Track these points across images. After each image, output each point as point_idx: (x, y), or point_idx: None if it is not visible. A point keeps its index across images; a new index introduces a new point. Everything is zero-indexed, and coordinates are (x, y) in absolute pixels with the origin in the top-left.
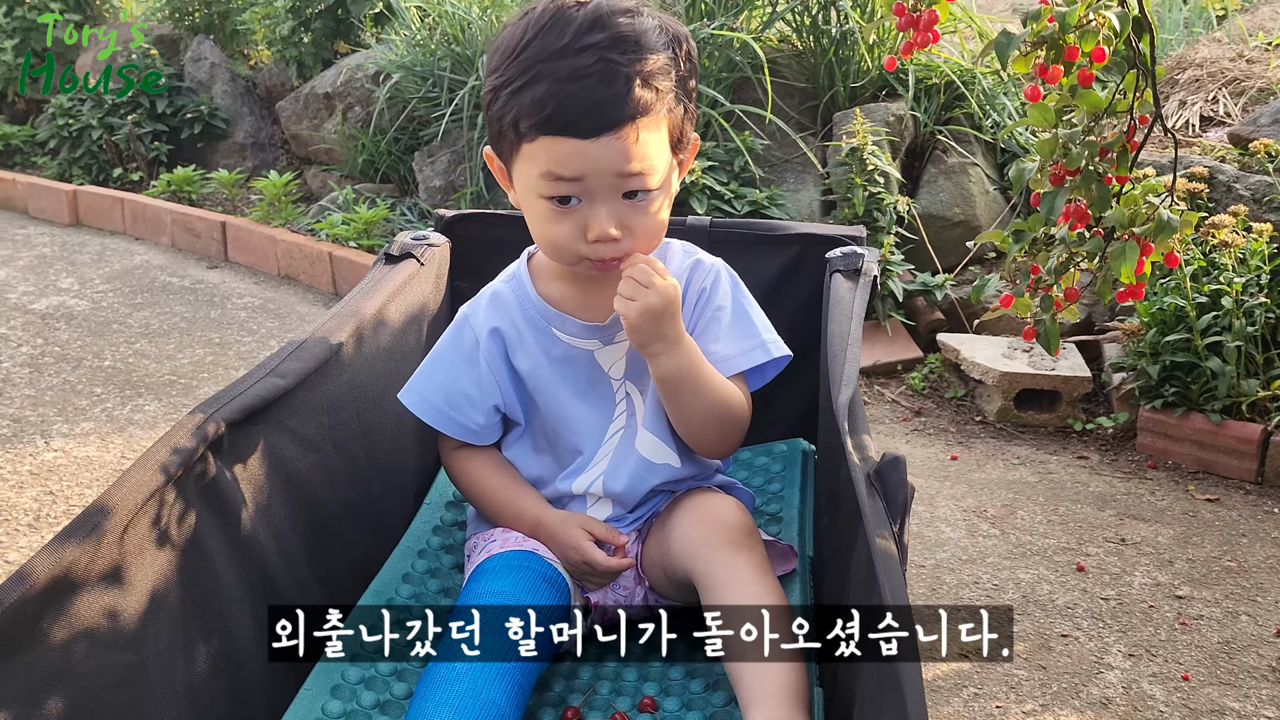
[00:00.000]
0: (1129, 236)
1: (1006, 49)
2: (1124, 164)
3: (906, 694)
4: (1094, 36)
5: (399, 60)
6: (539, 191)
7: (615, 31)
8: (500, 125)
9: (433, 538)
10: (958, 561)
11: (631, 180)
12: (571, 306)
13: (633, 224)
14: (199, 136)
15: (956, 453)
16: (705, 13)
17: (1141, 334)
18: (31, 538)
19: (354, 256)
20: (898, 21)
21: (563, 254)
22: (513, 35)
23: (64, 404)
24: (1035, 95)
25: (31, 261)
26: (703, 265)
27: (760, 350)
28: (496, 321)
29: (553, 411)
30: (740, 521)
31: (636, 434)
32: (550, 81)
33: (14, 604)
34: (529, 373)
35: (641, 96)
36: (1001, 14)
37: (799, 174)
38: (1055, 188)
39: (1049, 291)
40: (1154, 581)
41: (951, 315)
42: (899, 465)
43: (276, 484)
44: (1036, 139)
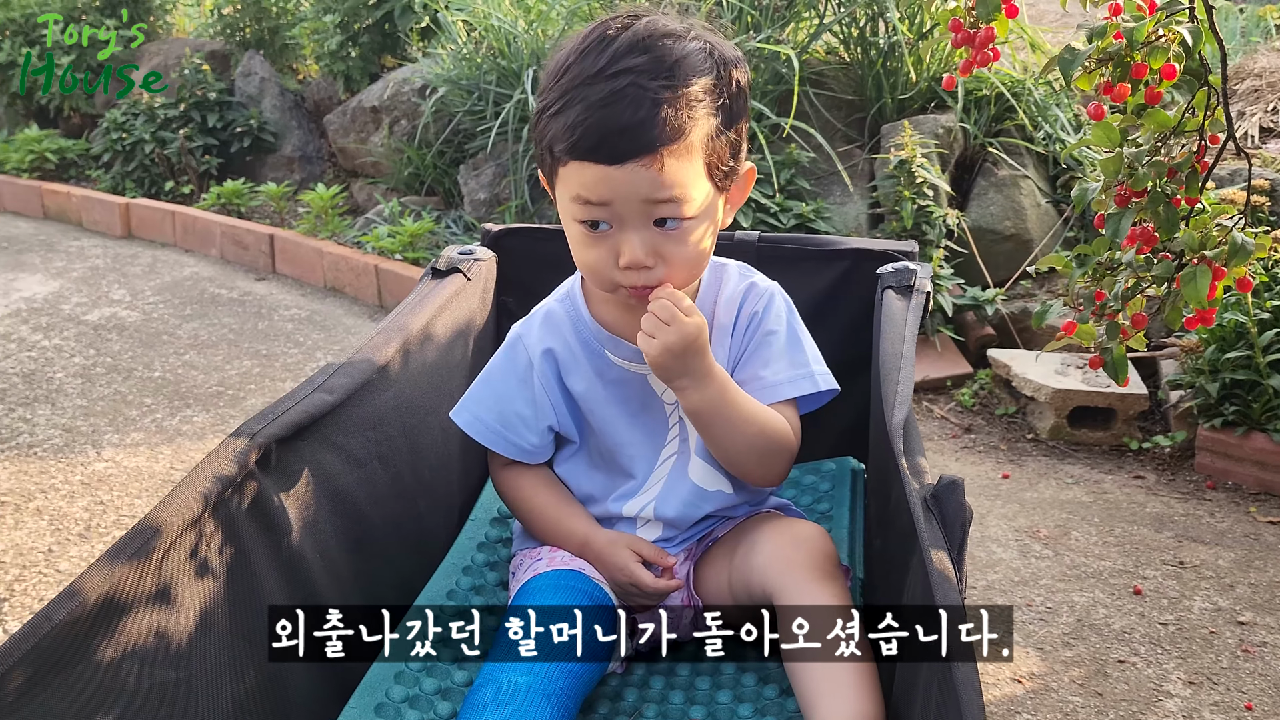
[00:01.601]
0: (1200, 260)
1: (1070, 66)
2: (1193, 185)
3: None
4: (1163, 53)
5: (445, 74)
6: (572, 215)
7: (654, 55)
8: (540, 147)
9: (477, 554)
10: (1010, 583)
11: (661, 208)
12: (625, 330)
13: (666, 252)
14: (248, 150)
15: (1008, 471)
16: (752, 25)
17: (1200, 351)
18: (82, 547)
19: (399, 269)
20: (953, 38)
21: (599, 279)
22: (560, 58)
23: (115, 414)
24: (1099, 113)
25: (85, 273)
26: (757, 288)
27: (808, 380)
28: (550, 342)
29: (606, 434)
30: (829, 550)
31: (690, 461)
32: (583, 106)
33: (64, 621)
34: (582, 394)
35: (671, 123)
36: (1053, 24)
37: (845, 187)
38: (1120, 209)
39: (1114, 318)
40: (1214, 606)
41: (1002, 330)
42: (957, 489)
43: (323, 500)
44: (1098, 157)
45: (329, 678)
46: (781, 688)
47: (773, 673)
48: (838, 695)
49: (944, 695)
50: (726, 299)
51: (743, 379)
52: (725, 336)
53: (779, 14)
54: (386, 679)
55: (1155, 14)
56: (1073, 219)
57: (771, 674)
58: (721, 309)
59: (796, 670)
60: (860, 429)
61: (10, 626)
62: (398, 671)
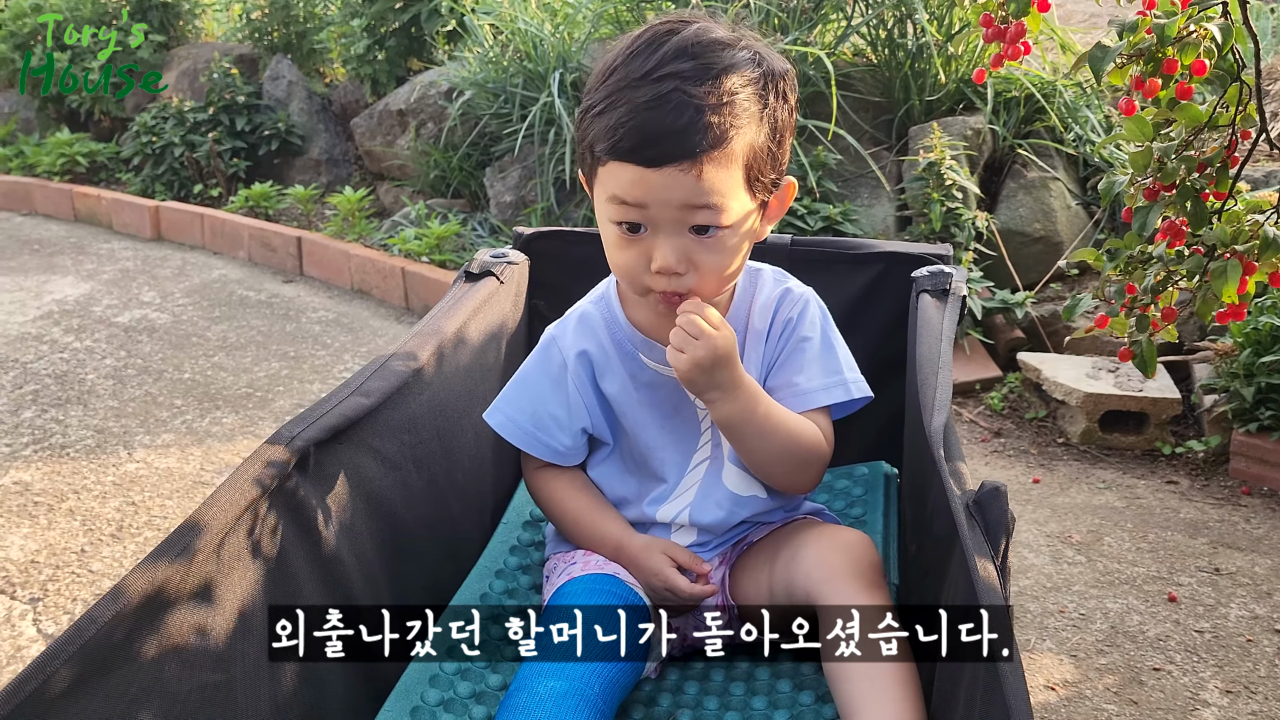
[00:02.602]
0: (1231, 254)
1: (1102, 62)
2: (1224, 180)
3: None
4: (1194, 49)
5: (471, 77)
6: (609, 215)
7: (701, 61)
8: (582, 146)
9: (510, 557)
10: (1042, 589)
11: (698, 214)
12: (659, 333)
13: (699, 260)
14: (276, 153)
15: (1039, 475)
16: (779, 27)
17: (1235, 354)
18: (115, 548)
19: (426, 271)
20: (985, 33)
21: (631, 282)
22: (609, 59)
23: (146, 415)
24: (1130, 108)
25: (115, 275)
26: (791, 295)
27: (841, 389)
28: (584, 344)
29: (639, 437)
30: (874, 559)
31: (724, 467)
32: (626, 108)
33: (109, 622)
34: (615, 396)
35: (714, 130)
36: (1081, 24)
37: (873, 189)
38: (1149, 203)
39: (1145, 311)
40: (1251, 614)
41: (1032, 334)
42: (1000, 496)
43: (359, 503)
44: (1126, 152)
45: (365, 681)
46: (818, 694)
47: (808, 679)
48: (879, 700)
49: (988, 701)
50: (761, 305)
51: (776, 385)
52: (759, 342)
53: (806, 16)
54: (421, 682)
55: (1187, 9)
56: (1103, 220)
57: (807, 680)
58: (756, 315)
59: (837, 674)
60: (893, 433)
61: (45, 626)
62: (433, 675)
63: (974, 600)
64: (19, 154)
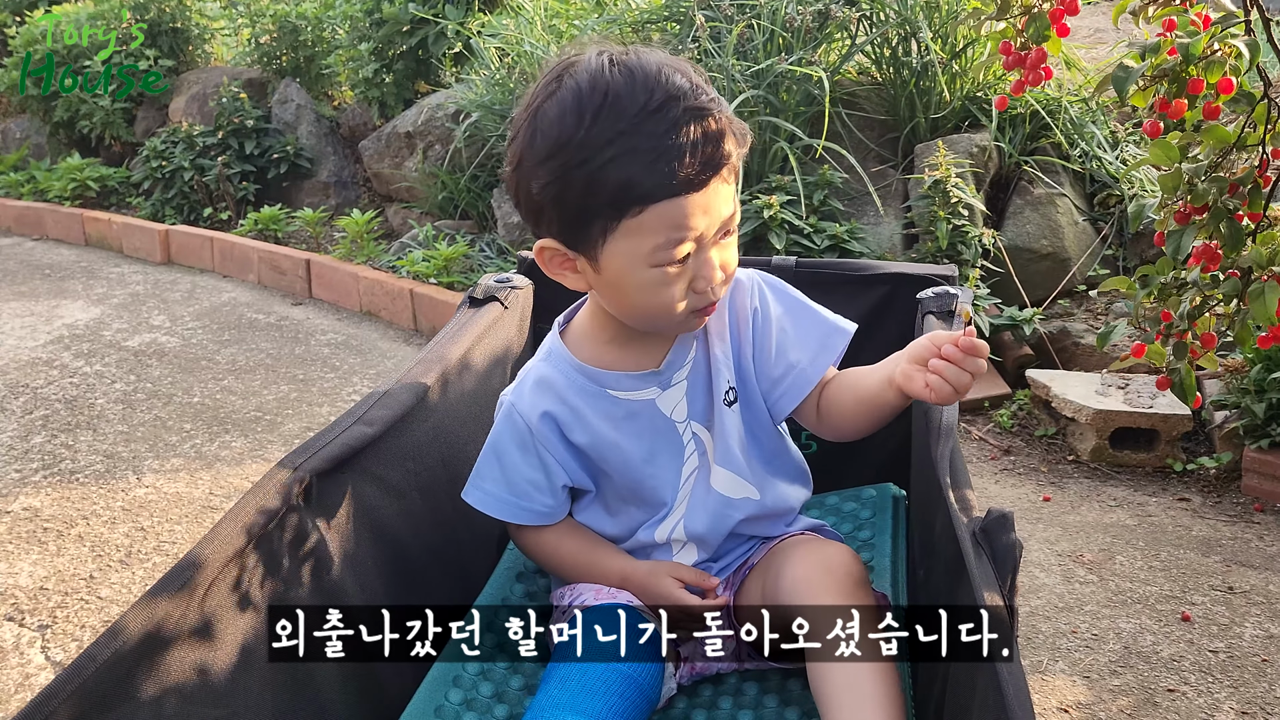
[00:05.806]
0: (1269, 277)
1: (1125, 83)
2: (1256, 200)
3: None
4: (1220, 67)
5: (478, 99)
6: (653, 262)
7: (683, 73)
8: (581, 208)
9: (516, 585)
10: (1053, 609)
11: (731, 219)
12: (622, 363)
13: (727, 262)
14: (285, 176)
15: (1049, 493)
16: (783, 47)
17: (1245, 370)
18: (123, 573)
19: (434, 293)
20: (1004, 60)
21: (671, 316)
22: (562, 116)
23: (155, 440)
24: (1155, 130)
25: (126, 299)
26: (742, 285)
27: (838, 335)
28: (545, 405)
29: (626, 473)
30: (857, 573)
31: (711, 472)
32: (651, 144)
33: (108, 660)
34: (590, 445)
35: (731, 129)
36: (1085, 40)
37: (879, 208)
38: (1180, 226)
39: (1182, 338)
40: (1266, 633)
41: (1040, 350)
42: (1007, 522)
43: (363, 532)
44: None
45: (367, 703)
46: None
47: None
48: (851, 700)
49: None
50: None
51: (781, 373)
52: (724, 340)
53: (810, 35)
54: (445, 682)
55: (1210, 28)
56: (1110, 236)
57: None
58: (712, 318)
59: (814, 676)
60: (901, 455)
61: (53, 653)
62: (455, 675)
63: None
64: (30, 179)
